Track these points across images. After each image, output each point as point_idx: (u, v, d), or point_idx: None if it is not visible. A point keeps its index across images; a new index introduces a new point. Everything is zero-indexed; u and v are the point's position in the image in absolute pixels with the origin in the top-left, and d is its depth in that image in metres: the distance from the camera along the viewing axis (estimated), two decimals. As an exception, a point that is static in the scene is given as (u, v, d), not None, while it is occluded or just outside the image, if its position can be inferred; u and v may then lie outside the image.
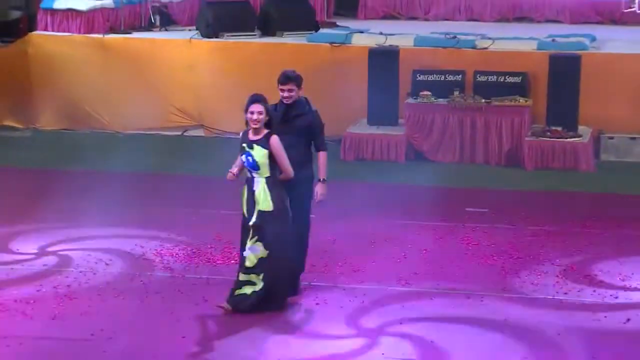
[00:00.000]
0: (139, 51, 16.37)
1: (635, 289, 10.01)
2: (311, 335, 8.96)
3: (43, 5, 16.70)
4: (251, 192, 9.12)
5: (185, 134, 16.02)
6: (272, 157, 9.04)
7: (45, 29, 16.54)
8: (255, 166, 9.04)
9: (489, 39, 16.02)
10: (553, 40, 15.81)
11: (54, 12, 16.52)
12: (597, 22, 18.46)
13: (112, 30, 16.56)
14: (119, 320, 9.06)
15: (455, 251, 10.91)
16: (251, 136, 9.11)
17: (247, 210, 9.15)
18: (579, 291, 9.90)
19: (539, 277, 10.23)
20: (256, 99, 9.12)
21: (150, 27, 17.00)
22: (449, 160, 14.69)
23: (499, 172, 14.29)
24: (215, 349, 8.77)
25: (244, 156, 9.07)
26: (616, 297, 9.77)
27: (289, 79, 9.46)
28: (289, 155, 9.27)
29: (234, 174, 9.19)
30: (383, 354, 8.45)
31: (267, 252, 9.13)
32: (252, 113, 9.03)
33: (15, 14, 18.76)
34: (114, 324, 8.95)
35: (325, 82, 15.35)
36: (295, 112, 9.48)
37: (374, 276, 10.17)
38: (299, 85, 9.51)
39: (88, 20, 16.40)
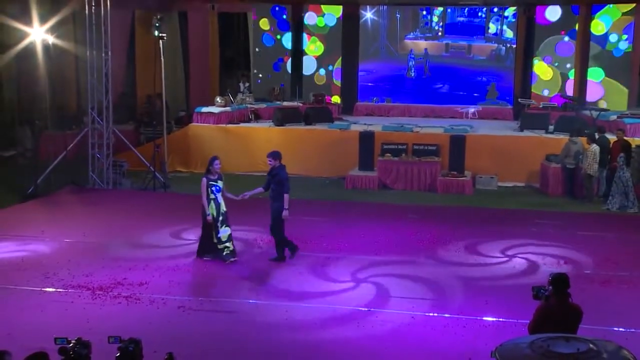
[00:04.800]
0: (243, 133, 15.94)
1: (498, 258, 9.49)
2: (325, 279, 8.58)
3: (196, 110, 16.36)
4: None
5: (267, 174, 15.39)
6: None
7: (197, 122, 16.15)
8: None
9: (420, 127, 15.56)
10: (452, 127, 15.34)
11: (201, 113, 16.13)
12: (474, 119, 17.80)
13: (230, 122, 16.14)
14: (234, 269, 8.68)
15: (404, 238, 10.44)
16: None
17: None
18: (467, 258, 9.45)
19: (447, 252, 9.77)
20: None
21: (249, 120, 16.57)
22: (401, 188, 14.09)
23: (425, 195, 13.69)
24: (266, 280, 8.45)
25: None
26: (489, 262, 9.31)
27: (269, 155, 9.12)
28: (271, 194, 9.01)
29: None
30: (365, 292, 8.08)
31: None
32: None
33: (182, 114, 18.42)
34: (235, 271, 8.60)
35: (337, 149, 15.07)
36: (273, 172, 9.02)
37: (361, 251, 9.73)
38: (275, 158, 8.99)
39: (218, 117, 15.99)
